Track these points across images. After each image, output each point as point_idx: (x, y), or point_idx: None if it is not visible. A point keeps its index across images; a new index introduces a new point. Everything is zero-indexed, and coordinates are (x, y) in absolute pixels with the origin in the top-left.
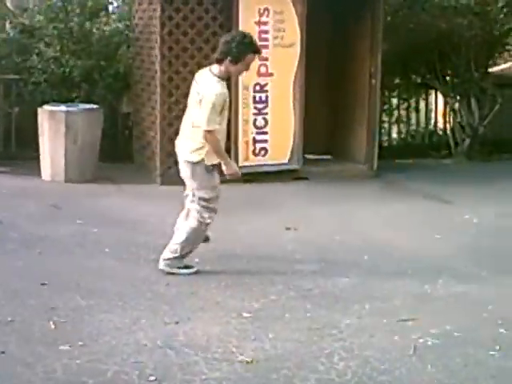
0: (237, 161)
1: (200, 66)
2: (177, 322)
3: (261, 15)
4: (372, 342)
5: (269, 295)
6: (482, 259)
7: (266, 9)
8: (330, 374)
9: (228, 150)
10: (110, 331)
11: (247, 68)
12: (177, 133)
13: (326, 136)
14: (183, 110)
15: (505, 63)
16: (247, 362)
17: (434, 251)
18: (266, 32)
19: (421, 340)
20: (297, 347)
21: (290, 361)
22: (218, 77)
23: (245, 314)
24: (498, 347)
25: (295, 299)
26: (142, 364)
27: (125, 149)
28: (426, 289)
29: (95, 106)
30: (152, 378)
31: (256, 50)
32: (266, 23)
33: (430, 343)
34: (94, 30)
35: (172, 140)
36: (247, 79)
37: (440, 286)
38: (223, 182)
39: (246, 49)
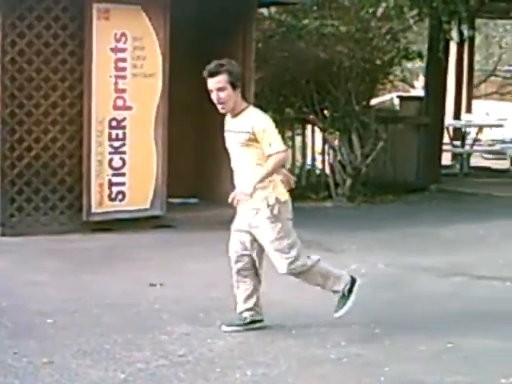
0: (89, 206)
1: (47, 99)
2: None
3: (117, 41)
4: None
5: (135, 363)
6: (375, 315)
7: (124, 34)
8: None
9: (80, 194)
10: None
11: (213, 96)
12: (20, 175)
13: (192, 177)
14: (28, 149)
15: (386, 95)
16: None
17: (319, 307)
18: (124, 60)
19: None
20: None
21: None
22: None
23: None
24: None
25: (166, 367)
26: None
27: None
28: (313, 351)
29: None
30: None
31: (205, 72)
32: (123, 50)
33: None
34: None
35: (15, 183)
36: (101, 113)
37: (330, 346)
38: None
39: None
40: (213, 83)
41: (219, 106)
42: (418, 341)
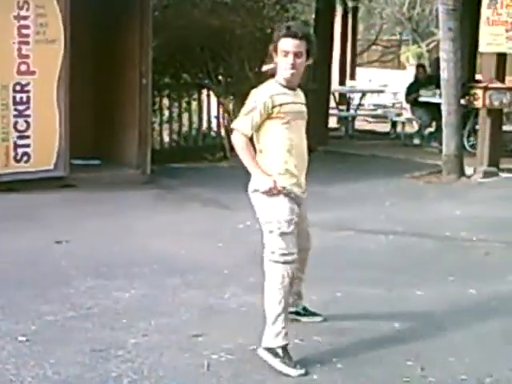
0: None
1: None
2: None
3: (20, 9)
4: (162, 362)
5: (45, 316)
6: None
7: (26, 2)
8: None
9: None
10: None
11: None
12: None
13: (94, 139)
14: None
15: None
16: None
17: (217, 261)
18: (27, 27)
19: (214, 356)
20: (82, 371)
21: None
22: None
23: (20, 338)
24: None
25: (74, 319)
26: None
27: None
28: (213, 301)
29: None
30: None
31: (289, 32)
32: (26, 17)
33: (223, 359)
34: None
35: None
36: (6, 78)
37: (228, 297)
38: None
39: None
40: (294, 45)
41: (290, 71)
42: (308, 291)
